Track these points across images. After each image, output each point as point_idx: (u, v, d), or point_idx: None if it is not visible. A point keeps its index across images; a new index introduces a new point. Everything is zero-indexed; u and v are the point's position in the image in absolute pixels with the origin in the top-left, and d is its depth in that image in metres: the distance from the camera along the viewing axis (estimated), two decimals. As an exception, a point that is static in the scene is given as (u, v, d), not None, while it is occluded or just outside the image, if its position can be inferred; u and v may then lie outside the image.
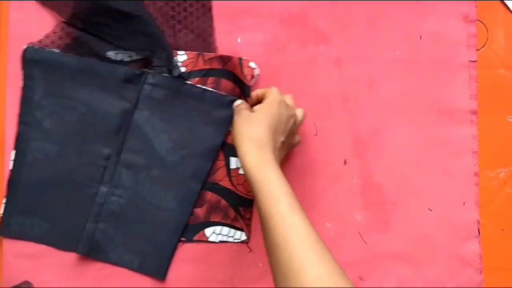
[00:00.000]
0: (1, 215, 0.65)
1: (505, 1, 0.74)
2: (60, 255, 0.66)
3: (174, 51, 0.67)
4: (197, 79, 0.67)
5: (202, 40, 0.68)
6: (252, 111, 0.62)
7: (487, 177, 0.73)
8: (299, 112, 0.64)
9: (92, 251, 0.65)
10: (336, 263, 0.49)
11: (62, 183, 0.65)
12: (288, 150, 0.67)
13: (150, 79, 0.66)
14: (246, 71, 0.66)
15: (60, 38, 0.65)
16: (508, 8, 0.74)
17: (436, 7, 0.72)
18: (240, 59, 0.66)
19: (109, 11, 0.63)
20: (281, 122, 0.60)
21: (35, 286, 0.65)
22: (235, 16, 0.69)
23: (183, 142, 0.66)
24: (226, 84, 0.67)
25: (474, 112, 0.72)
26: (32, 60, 0.65)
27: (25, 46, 0.65)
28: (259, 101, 0.64)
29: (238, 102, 0.65)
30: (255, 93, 0.65)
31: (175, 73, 0.66)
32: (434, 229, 0.71)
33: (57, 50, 0.65)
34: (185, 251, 0.68)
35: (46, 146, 0.65)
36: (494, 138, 0.73)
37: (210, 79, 0.67)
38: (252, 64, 0.67)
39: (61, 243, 0.66)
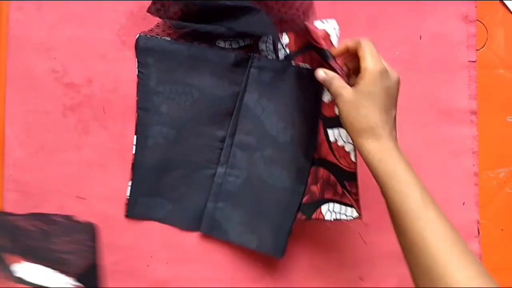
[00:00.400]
0: (128, 197, 0.67)
1: (505, 1, 0.74)
2: (60, 255, 0.66)
3: (280, 33, 0.67)
4: (300, 57, 0.67)
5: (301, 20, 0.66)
6: (349, 87, 0.55)
7: (487, 177, 0.73)
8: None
9: (213, 230, 0.68)
10: (479, 263, 0.48)
11: (182, 165, 0.68)
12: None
13: (257, 63, 0.67)
14: (314, 35, 0.62)
15: (170, 27, 0.66)
16: (508, 8, 0.74)
17: (436, 7, 0.72)
18: (305, 24, 0.63)
19: (219, 8, 0.64)
20: (389, 96, 0.54)
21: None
22: (235, 16, 0.69)
23: (292, 122, 0.68)
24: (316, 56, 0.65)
25: (474, 112, 0.72)
26: (145, 48, 0.67)
27: (137, 36, 0.67)
28: (350, 54, 0.58)
29: (328, 75, 0.57)
30: (344, 45, 0.58)
31: (281, 56, 0.67)
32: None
33: (168, 38, 0.66)
34: (186, 251, 0.68)
35: (164, 130, 0.67)
36: (494, 138, 0.73)
37: (307, 57, 0.67)
38: (320, 24, 0.66)
39: (184, 222, 0.68)
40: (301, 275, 0.69)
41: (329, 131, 0.66)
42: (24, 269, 0.40)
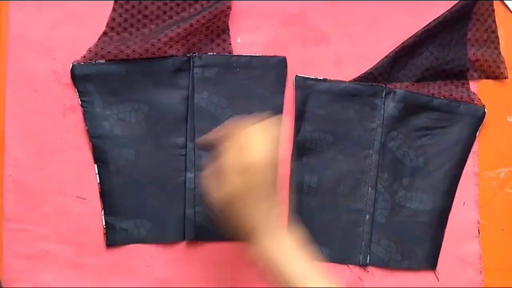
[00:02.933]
0: (104, 226, 0.66)
1: (505, 1, 0.74)
2: (60, 255, 0.66)
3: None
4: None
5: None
6: None
7: (487, 177, 0.73)
8: None
9: (198, 234, 0.68)
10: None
11: (150, 181, 0.67)
12: None
13: (198, 61, 0.67)
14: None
15: (102, 48, 0.66)
16: (508, 8, 0.74)
17: (436, 7, 0.72)
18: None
19: None
20: None
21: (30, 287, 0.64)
22: (235, 16, 0.69)
23: (247, 111, 0.68)
24: None
25: (474, 112, 0.72)
26: (83, 76, 0.66)
27: (71, 65, 0.66)
28: None
29: None
30: None
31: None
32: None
33: (103, 61, 0.66)
34: (186, 251, 0.68)
35: (123, 152, 0.67)
36: (494, 138, 0.73)
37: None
38: None
39: (167, 236, 0.67)
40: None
41: None
42: None
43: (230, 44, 0.69)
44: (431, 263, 0.70)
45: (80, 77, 0.66)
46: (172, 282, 0.68)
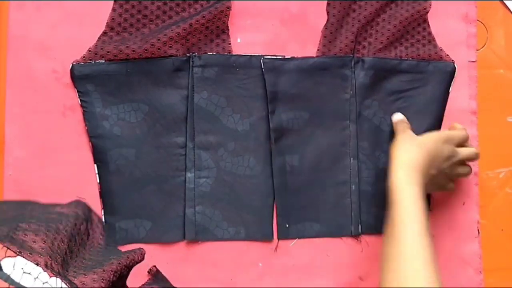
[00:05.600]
0: (104, 226, 0.66)
1: (505, 1, 0.74)
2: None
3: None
4: None
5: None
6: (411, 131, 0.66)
7: (487, 177, 0.73)
8: (465, 169, 0.67)
9: (198, 234, 0.67)
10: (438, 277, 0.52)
11: (150, 181, 0.67)
12: (437, 190, 0.68)
13: (198, 61, 0.68)
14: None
15: (102, 48, 0.66)
16: (508, 8, 0.74)
17: (436, 7, 0.72)
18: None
19: None
20: (439, 156, 0.63)
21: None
22: (235, 16, 0.69)
23: (247, 110, 0.68)
24: None
25: (473, 113, 0.72)
26: (82, 76, 0.66)
27: (70, 65, 0.66)
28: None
29: (402, 119, 0.69)
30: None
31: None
32: (434, 229, 0.71)
33: (102, 61, 0.66)
34: (185, 251, 0.68)
35: (123, 152, 0.67)
36: (494, 138, 0.73)
37: None
38: None
39: (167, 236, 0.67)
40: (301, 275, 0.69)
41: None
42: (16, 266, 0.39)
43: (229, 44, 0.69)
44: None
45: (80, 77, 0.66)
46: (172, 282, 0.67)
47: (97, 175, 0.67)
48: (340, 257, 0.70)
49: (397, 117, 0.69)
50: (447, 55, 0.72)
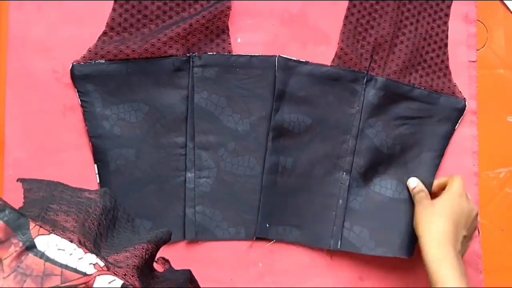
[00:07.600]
0: None
1: (505, 1, 0.74)
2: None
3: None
4: None
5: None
6: (430, 200, 0.65)
7: (487, 177, 0.73)
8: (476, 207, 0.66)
9: (198, 234, 0.68)
10: None
11: (150, 181, 0.67)
12: (470, 244, 0.67)
13: (198, 61, 0.68)
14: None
15: (102, 48, 0.66)
16: (508, 8, 0.74)
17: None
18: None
19: None
20: (462, 216, 0.63)
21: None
22: (235, 16, 0.69)
23: (247, 110, 0.69)
24: None
25: (474, 112, 0.72)
26: (82, 76, 0.66)
27: (70, 65, 0.66)
28: (440, 189, 0.67)
29: (417, 188, 0.67)
30: (437, 183, 0.68)
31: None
32: (434, 229, 0.71)
33: (102, 61, 0.66)
34: (185, 251, 0.68)
35: (123, 152, 0.67)
36: (494, 138, 0.73)
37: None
38: None
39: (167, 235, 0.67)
40: (300, 275, 0.69)
41: None
42: (50, 243, 0.39)
43: (229, 44, 0.69)
44: (406, 252, 0.68)
45: (80, 77, 0.66)
46: (172, 282, 0.68)
47: (97, 175, 0.67)
48: (340, 257, 0.70)
49: (413, 183, 0.68)
50: (460, 91, 0.71)
